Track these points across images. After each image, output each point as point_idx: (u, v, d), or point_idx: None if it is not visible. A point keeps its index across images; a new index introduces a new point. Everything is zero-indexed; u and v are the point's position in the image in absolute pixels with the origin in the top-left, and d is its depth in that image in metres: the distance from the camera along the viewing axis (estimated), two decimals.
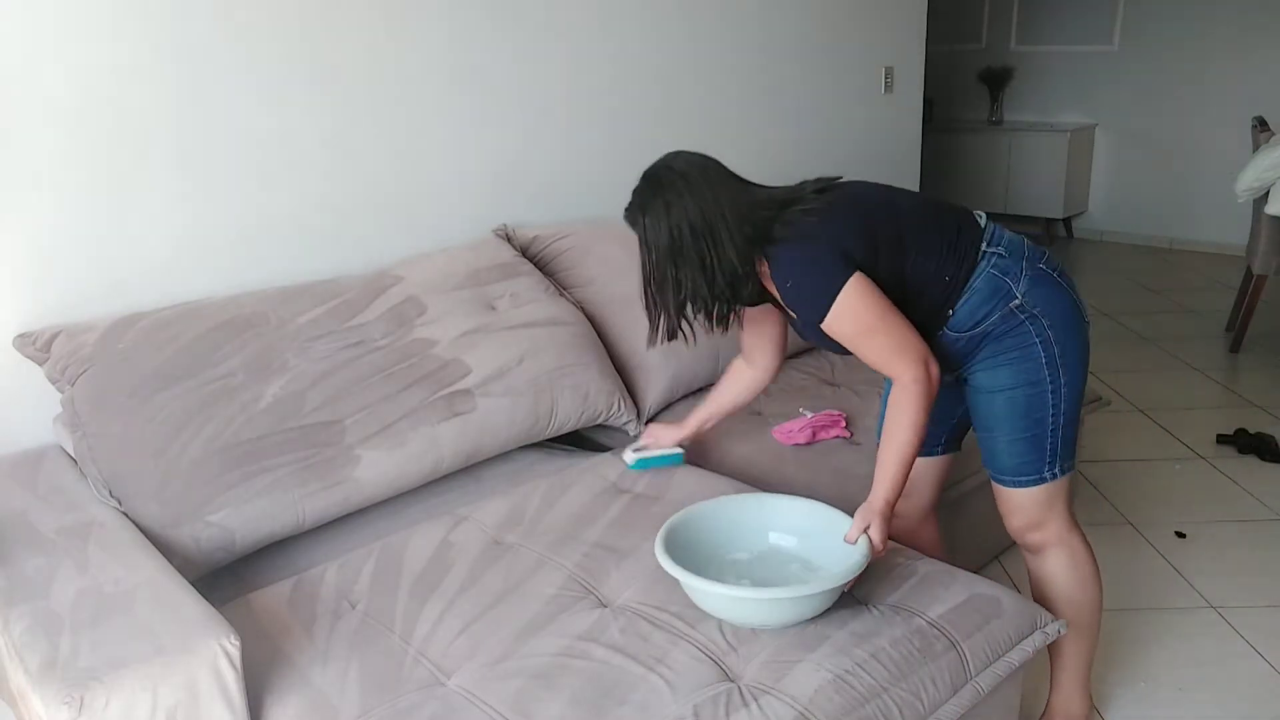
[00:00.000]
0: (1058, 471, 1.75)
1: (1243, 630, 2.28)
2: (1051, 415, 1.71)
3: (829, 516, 1.67)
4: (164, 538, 1.72)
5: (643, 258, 1.66)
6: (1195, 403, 3.64)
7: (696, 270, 1.61)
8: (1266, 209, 3.92)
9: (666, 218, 1.60)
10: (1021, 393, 1.70)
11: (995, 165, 6.19)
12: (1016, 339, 1.69)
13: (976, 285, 1.69)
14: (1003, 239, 1.72)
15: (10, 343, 1.98)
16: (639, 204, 1.64)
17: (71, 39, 1.96)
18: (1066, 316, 1.71)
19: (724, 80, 3.34)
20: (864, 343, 1.63)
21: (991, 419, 1.75)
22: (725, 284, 1.62)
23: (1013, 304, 1.68)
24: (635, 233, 1.66)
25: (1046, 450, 1.73)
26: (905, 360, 1.61)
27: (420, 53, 2.52)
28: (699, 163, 1.67)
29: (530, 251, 2.65)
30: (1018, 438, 1.73)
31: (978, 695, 1.49)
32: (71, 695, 1.25)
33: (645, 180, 1.66)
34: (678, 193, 1.61)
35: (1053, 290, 1.71)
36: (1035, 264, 1.71)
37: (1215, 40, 5.58)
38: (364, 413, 1.97)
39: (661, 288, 1.65)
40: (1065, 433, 1.74)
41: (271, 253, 2.33)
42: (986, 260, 1.69)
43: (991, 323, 1.69)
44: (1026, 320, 1.68)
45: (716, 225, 1.60)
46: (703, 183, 1.62)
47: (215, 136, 2.19)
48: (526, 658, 1.47)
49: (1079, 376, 1.73)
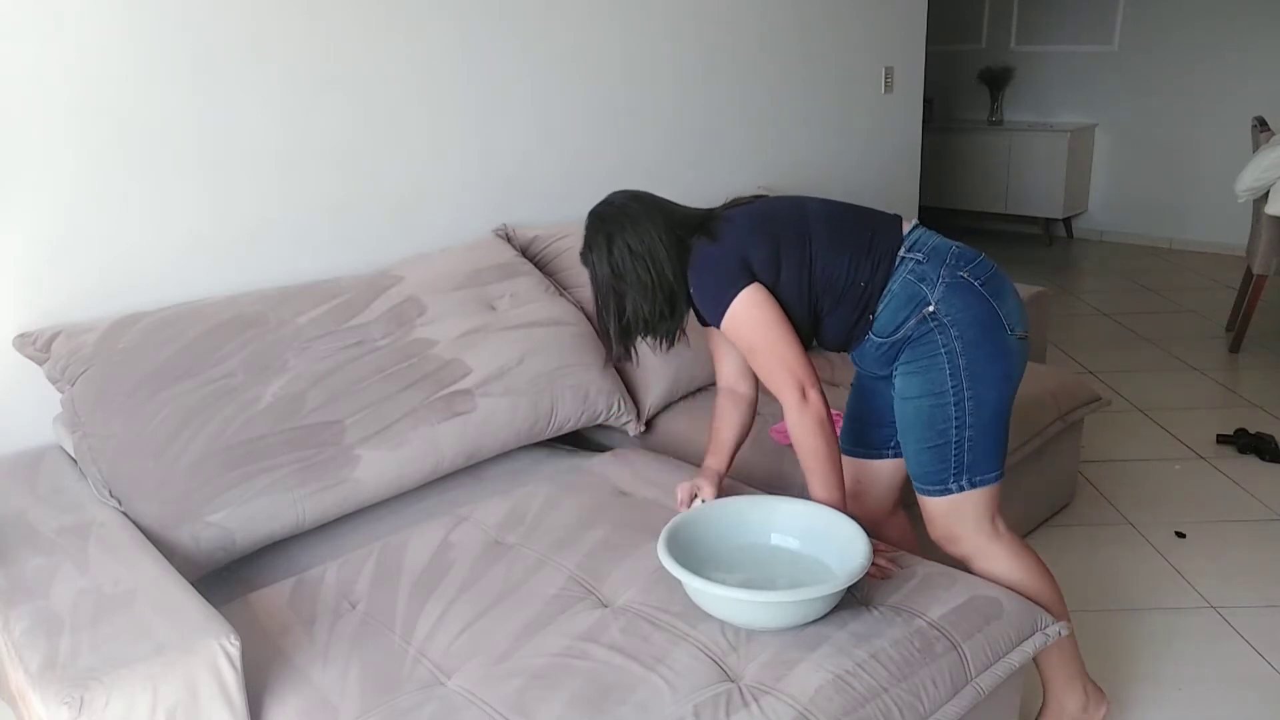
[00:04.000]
0: (964, 484, 1.74)
1: (1243, 630, 2.28)
2: (955, 428, 1.70)
3: (830, 519, 1.67)
4: (164, 538, 1.72)
5: (593, 288, 1.78)
6: (1195, 403, 3.64)
7: (637, 291, 1.72)
8: (1266, 209, 3.92)
9: (609, 249, 1.73)
10: (925, 402, 1.71)
11: (995, 165, 6.19)
12: (925, 347, 1.70)
13: (894, 289, 1.72)
14: (925, 244, 1.74)
15: (10, 343, 1.98)
16: (587, 242, 1.77)
17: (76, 41, 1.96)
18: (980, 326, 1.69)
19: (724, 81, 3.34)
20: (750, 356, 1.74)
21: (904, 424, 1.77)
22: (664, 300, 1.73)
23: (925, 310, 1.69)
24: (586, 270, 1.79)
25: (950, 462, 1.72)
26: (783, 382, 1.69)
27: (423, 55, 2.52)
28: (633, 195, 1.80)
29: (530, 251, 2.65)
30: (922, 447, 1.74)
31: (978, 696, 1.49)
32: (71, 695, 1.25)
33: (590, 219, 1.79)
34: (619, 225, 1.73)
35: (968, 298, 1.69)
36: (956, 271, 1.71)
37: (1215, 40, 5.58)
38: (364, 413, 1.97)
39: (608, 312, 1.76)
40: (977, 446, 1.71)
41: (272, 253, 2.33)
42: (903, 265, 1.72)
43: (908, 328, 1.71)
44: (935, 329, 1.69)
45: (654, 246, 1.71)
46: (639, 211, 1.75)
47: (216, 138, 2.19)
48: (527, 658, 1.47)
49: (993, 389, 1.70)
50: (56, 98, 1.96)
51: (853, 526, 1.62)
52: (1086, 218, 6.35)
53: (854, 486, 1.97)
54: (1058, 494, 2.82)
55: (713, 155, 3.35)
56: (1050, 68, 6.25)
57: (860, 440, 1.96)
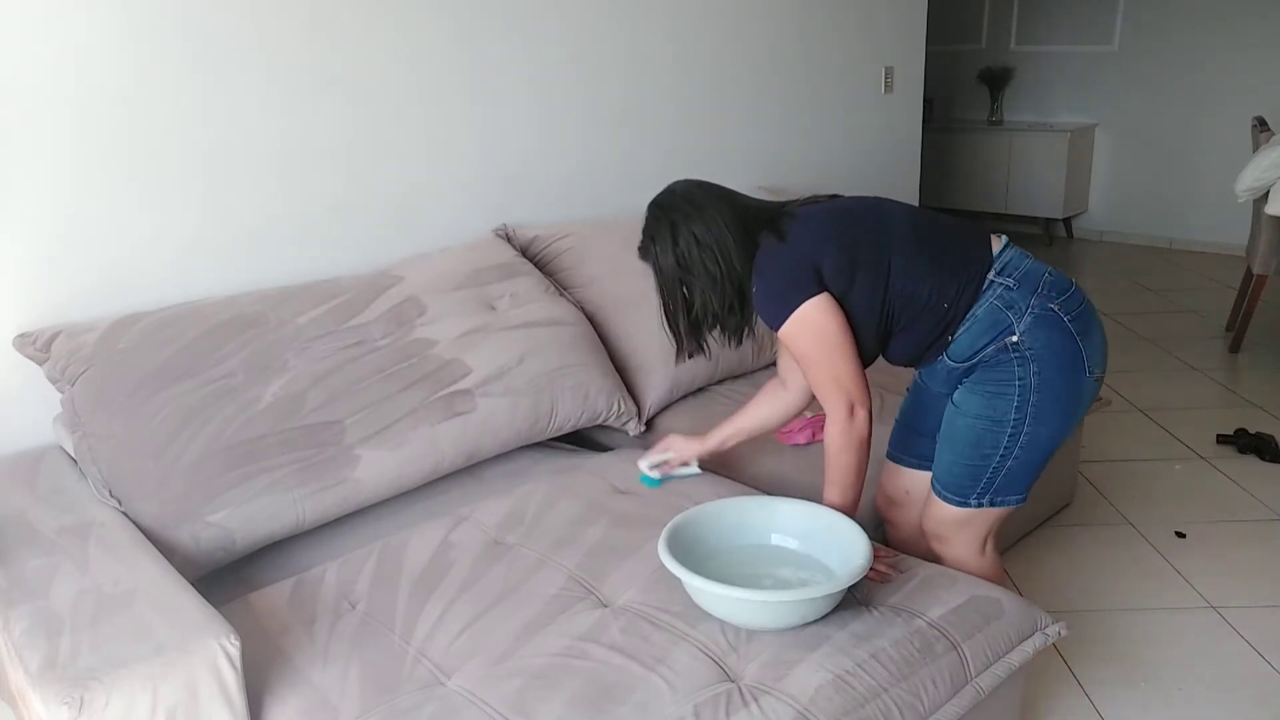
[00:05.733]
0: (984, 502, 1.72)
1: (1243, 630, 2.28)
2: (1001, 454, 1.67)
3: (831, 519, 1.67)
4: (164, 538, 1.72)
5: (657, 283, 1.69)
6: (1195, 403, 3.64)
7: (706, 283, 1.64)
8: (1266, 209, 3.92)
9: (674, 238, 1.64)
10: (981, 424, 1.67)
11: (995, 165, 6.19)
12: (1000, 373, 1.65)
13: (978, 314, 1.64)
14: (1017, 269, 1.66)
15: (10, 343, 1.98)
16: (649, 234, 1.68)
17: (77, 41, 1.96)
18: (1062, 365, 1.63)
19: (724, 81, 3.34)
20: (803, 364, 1.67)
21: (949, 433, 1.73)
22: (734, 292, 1.65)
23: (1009, 339, 1.63)
24: (648, 263, 1.70)
25: (981, 482, 1.71)
26: (833, 396, 1.64)
27: (423, 56, 2.52)
28: (696, 182, 1.71)
29: (530, 251, 2.65)
30: (960, 462, 1.71)
31: (978, 696, 1.49)
32: (71, 695, 1.25)
33: (651, 209, 1.70)
34: (684, 214, 1.64)
35: (1055, 334, 1.63)
36: (1046, 303, 1.63)
37: (1215, 40, 5.58)
38: (364, 413, 1.97)
39: (676, 307, 1.68)
40: (1012, 472, 1.69)
41: (272, 253, 2.33)
42: (991, 290, 1.64)
43: (986, 354, 1.65)
44: (1016, 360, 1.63)
45: (722, 236, 1.63)
46: (704, 199, 1.66)
47: (217, 138, 2.19)
48: (527, 658, 1.47)
49: (1053, 428, 1.66)
50: (57, 98, 1.96)
51: (853, 527, 1.62)
52: (1086, 218, 6.35)
53: (901, 496, 1.94)
54: (1058, 494, 2.82)
55: (713, 156, 3.35)
56: (1050, 68, 6.25)
57: (912, 450, 1.91)
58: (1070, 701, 2.07)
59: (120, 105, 2.04)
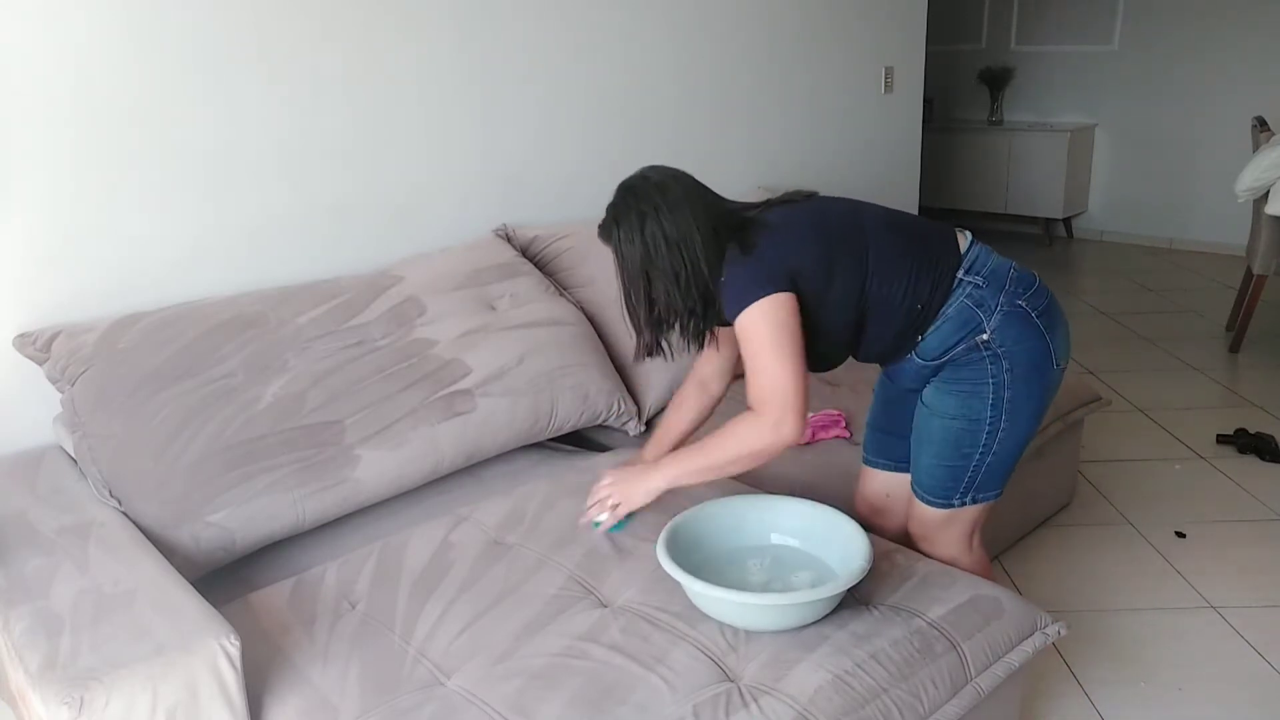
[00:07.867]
0: (967, 501, 1.73)
1: (1243, 630, 2.28)
2: (980, 452, 1.68)
3: (831, 519, 1.67)
4: (164, 538, 1.72)
5: (618, 271, 1.62)
6: (1195, 403, 3.64)
7: (670, 282, 1.57)
8: (1266, 209, 3.92)
9: (641, 229, 1.56)
10: (957, 425, 1.67)
11: (995, 165, 6.19)
12: (972, 372, 1.65)
13: (949, 313, 1.64)
14: (984, 266, 1.66)
15: (10, 343, 1.98)
16: (613, 216, 1.60)
17: (77, 40, 1.96)
18: (1032, 361, 1.65)
19: (724, 81, 3.34)
20: (749, 360, 1.58)
21: (925, 435, 1.73)
22: (698, 296, 1.58)
23: (980, 338, 1.63)
24: (609, 247, 1.61)
25: (962, 482, 1.71)
26: (768, 400, 1.55)
27: (423, 55, 2.52)
28: (673, 174, 1.63)
29: (530, 251, 2.65)
30: (940, 464, 1.71)
31: (978, 696, 1.49)
32: (71, 695, 1.25)
33: (620, 192, 1.62)
34: (654, 204, 1.56)
35: (1024, 331, 1.64)
36: (1014, 299, 1.64)
37: (1215, 40, 5.58)
38: (364, 413, 1.97)
39: (636, 302, 1.61)
40: (991, 468, 1.70)
41: (272, 253, 2.33)
42: (961, 288, 1.64)
43: (956, 353, 1.65)
44: (988, 358, 1.64)
45: (691, 236, 1.56)
46: (679, 194, 1.58)
47: (217, 138, 2.19)
48: (527, 658, 1.47)
49: (1028, 422, 1.68)
50: (57, 97, 1.96)
51: (853, 526, 1.62)
52: (1086, 218, 6.35)
53: (882, 501, 1.93)
54: (1058, 494, 2.82)
55: (713, 156, 3.35)
56: (1050, 68, 6.25)
57: (889, 453, 1.90)
58: (1070, 701, 2.07)
59: (120, 105, 2.04)
